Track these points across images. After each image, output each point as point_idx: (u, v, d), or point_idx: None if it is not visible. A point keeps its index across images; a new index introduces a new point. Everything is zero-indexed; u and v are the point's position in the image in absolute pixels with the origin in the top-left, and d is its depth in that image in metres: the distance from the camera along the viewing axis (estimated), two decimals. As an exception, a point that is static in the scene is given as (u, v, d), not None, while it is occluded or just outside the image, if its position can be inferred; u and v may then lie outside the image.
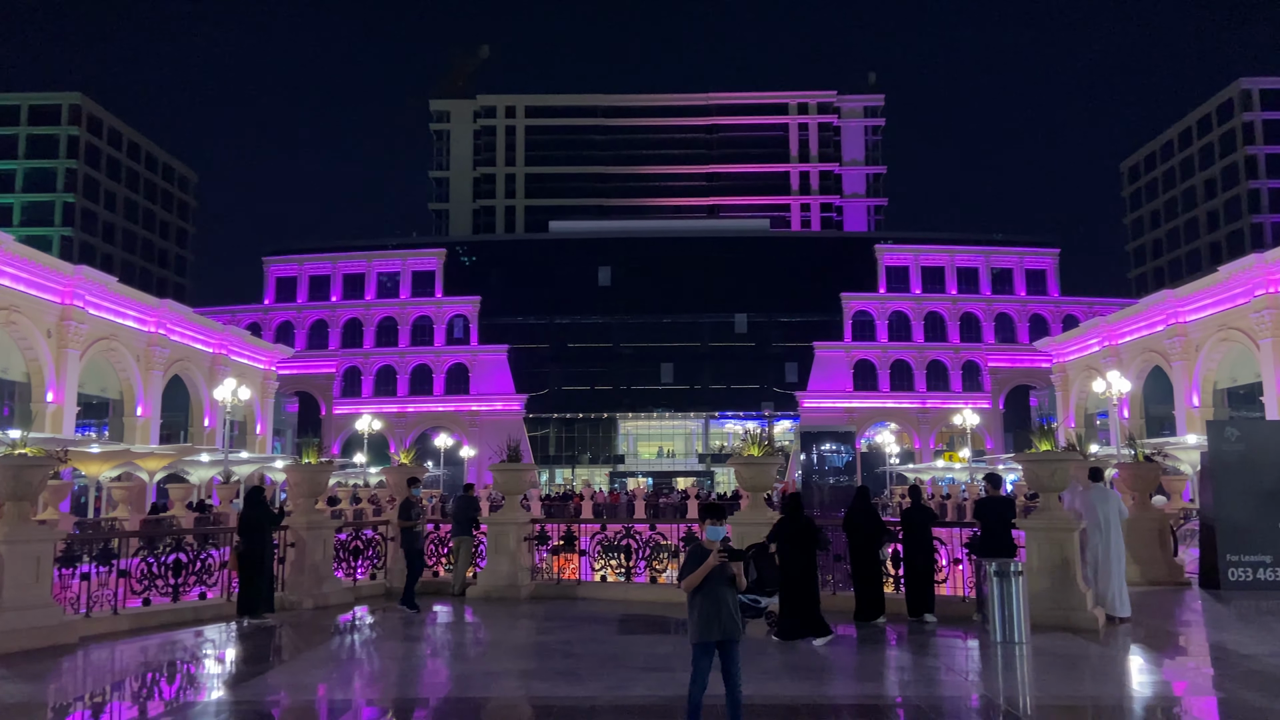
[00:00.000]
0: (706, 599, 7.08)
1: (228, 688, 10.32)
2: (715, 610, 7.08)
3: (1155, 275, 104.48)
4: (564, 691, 9.56)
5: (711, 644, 7.15)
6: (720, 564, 7.01)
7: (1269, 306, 43.50)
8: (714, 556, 6.97)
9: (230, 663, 11.80)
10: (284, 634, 13.39)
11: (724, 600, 7.10)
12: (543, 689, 9.79)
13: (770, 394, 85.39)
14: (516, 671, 10.84)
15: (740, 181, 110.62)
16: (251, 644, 12.70)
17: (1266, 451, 16.99)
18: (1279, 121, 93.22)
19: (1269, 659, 10.63)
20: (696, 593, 7.11)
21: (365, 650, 12.67)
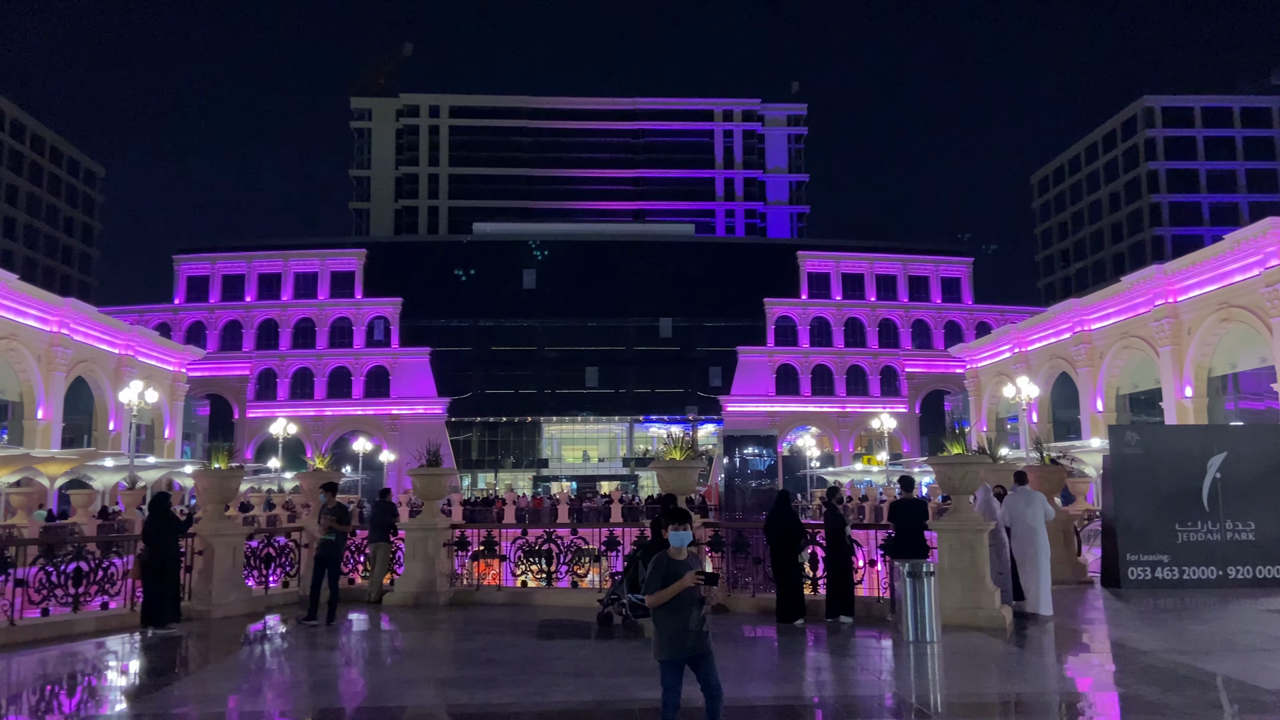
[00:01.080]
0: (675, 614, 6.76)
1: (131, 700, 9.92)
2: (684, 625, 6.74)
3: (1063, 284, 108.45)
4: (482, 699, 9.45)
5: (681, 661, 6.82)
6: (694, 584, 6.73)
7: (1168, 316, 45.53)
8: (689, 577, 6.63)
9: (134, 675, 11.35)
10: (191, 644, 12.95)
11: (692, 615, 6.78)
12: (461, 697, 9.66)
13: (694, 398, 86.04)
14: (434, 679, 10.68)
15: (666, 187, 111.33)
16: (156, 655, 12.24)
17: (1164, 455, 17.75)
18: (1180, 138, 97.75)
19: (1165, 655, 11.08)
20: (663, 607, 6.77)
21: (277, 660, 12.33)
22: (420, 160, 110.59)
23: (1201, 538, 17.25)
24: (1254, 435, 20.16)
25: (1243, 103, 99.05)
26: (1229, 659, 10.75)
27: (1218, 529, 17.25)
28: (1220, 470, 17.32)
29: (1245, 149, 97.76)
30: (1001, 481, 16.87)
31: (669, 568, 6.78)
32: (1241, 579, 17.09)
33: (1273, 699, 8.81)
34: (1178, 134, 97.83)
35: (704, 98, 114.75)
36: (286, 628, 14.37)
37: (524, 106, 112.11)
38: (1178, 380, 45.14)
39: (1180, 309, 45.17)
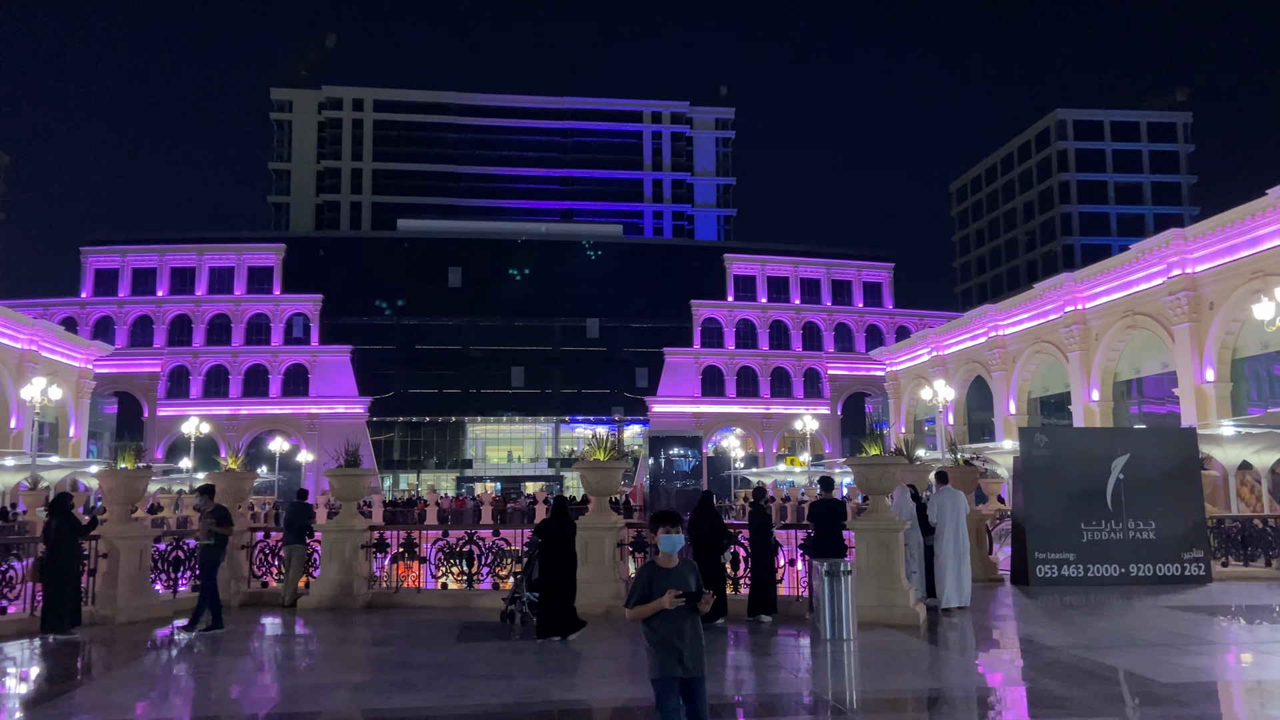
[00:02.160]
0: (664, 627, 5.93)
1: (29, 709, 9.49)
2: (678, 639, 5.92)
3: (979, 290, 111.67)
4: (398, 702, 9.29)
5: (677, 680, 5.94)
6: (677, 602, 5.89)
7: (1077, 322, 47.21)
8: (667, 599, 5.79)
9: (33, 682, 10.87)
10: (93, 650, 12.45)
11: (685, 628, 5.96)
12: (376, 700, 9.48)
13: (621, 399, 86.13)
14: (349, 684, 10.46)
15: (594, 187, 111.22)
16: (57, 661, 11.76)
17: (1070, 456, 18.40)
18: (1090, 151, 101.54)
19: (1069, 650, 11.47)
20: (650, 620, 5.98)
21: (184, 667, 11.92)
22: (343, 155, 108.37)
23: (1105, 536, 17.92)
24: (1155, 438, 21.03)
25: (1149, 118, 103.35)
26: (1130, 654, 11.18)
27: (1120, 528, 17.95)
28: (1123, 471, 18.02)
29: (1151, 162, 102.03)
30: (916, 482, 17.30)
31: (653, 579, 5.98)
32: (1143, 576, 17.81)
33: (1169, 692, 9.18)
34: (1088, 146, 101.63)
35: (633, 99, 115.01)
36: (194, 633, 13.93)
37: (451, 103, 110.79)
38: (1085, 384, 46.84)
39: (1088, 315, 46.89)
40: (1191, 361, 39.36)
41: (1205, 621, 13.82)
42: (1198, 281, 39.27)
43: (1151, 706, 8.74)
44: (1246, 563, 19.75)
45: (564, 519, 13.21)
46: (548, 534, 13.04)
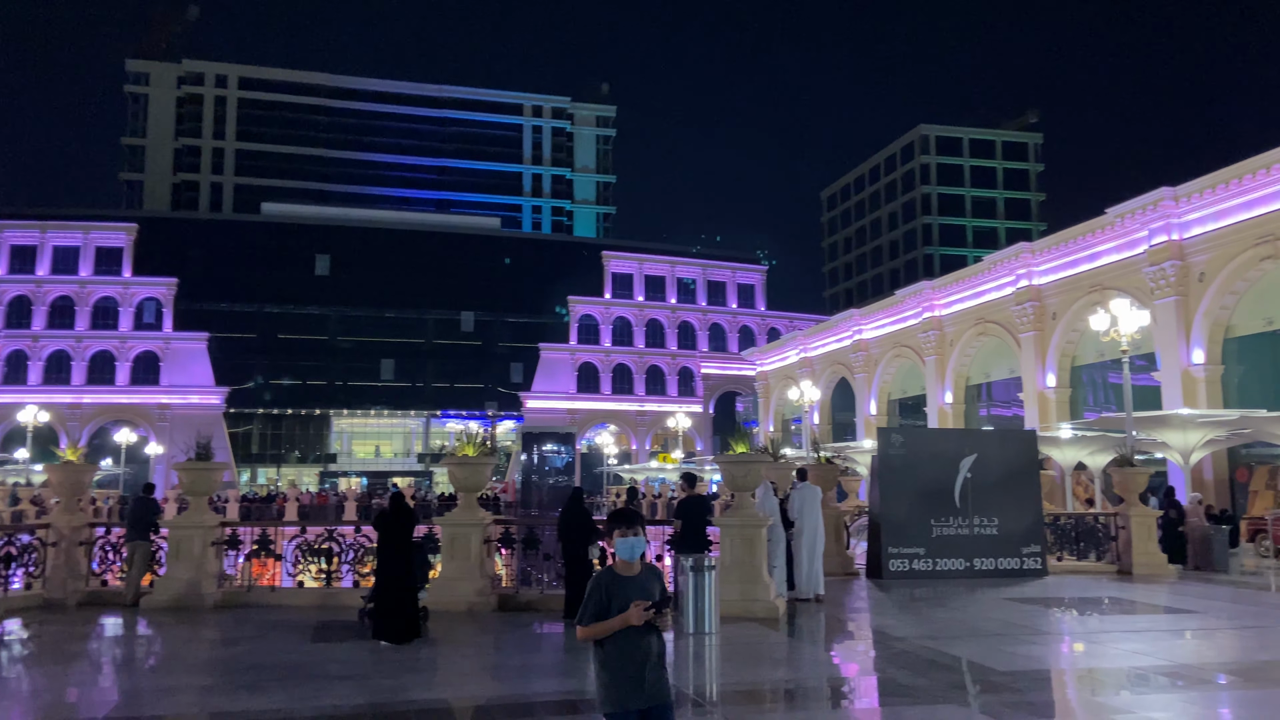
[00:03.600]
0: (625, 644, 4.95)
1: None
2: (635, 665, 4.95)
3: (846, 295, 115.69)
4: (245, 704, 8.91)
5: (634, 715, 4.96)
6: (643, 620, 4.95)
7: (933, 328, 49.49)
8: (635, 613, 4.87)
9: None
10: (-96, 658, 11.45)
11: (649, 649, 5.00)
12: (222, 703, 9.07)
13: (495, 394, 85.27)
14: (195, 686, 9.97)
15: (472, 178, 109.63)
16: None
17: (923, 456, 19.28)
18: (949, 166, 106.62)
19: (917, 641, 12.02)
20: (604, 642, 5.00)
21: (16, 668, 11.12)
22: (204, 132, 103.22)
23: (953, 532, 18.86)
24: (1000, 439, 22.25)
25: (1004, 137, 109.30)
26: (972, 643, 11.79)
27: (967, 524, 18.92)
28: (971, 471, 18.99)
29: (1005, 179, 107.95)
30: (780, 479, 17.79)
31: (611, 590, 5.03)
32: (985, 570, 18.83)
33: (1006, 679, 9.73)
34: (948, 162, 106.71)
35: (515, 91, 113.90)
36: (29, 633, 13.02)
37: (323, 84, 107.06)
38: (940, 387, 49.18)
39: (944, 322, 49.23)
40: (1035, 368, 41.84)
41: (1041, 613, 14.71)
42: (1042, 293, 41.76)
43: (990, 694, 9.23)
44: (1079, 557, 21.13)
45: (398, 515, 12.65)
46: (379, 530, 12.58)
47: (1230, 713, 8.74)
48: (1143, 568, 19.85)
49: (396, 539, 12.54)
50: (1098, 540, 21.23)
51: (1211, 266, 33.33)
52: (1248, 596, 17.00)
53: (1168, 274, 34.58)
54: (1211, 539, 21.60)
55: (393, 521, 12.58)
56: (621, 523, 5.29)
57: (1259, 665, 10.47)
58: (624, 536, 5.21)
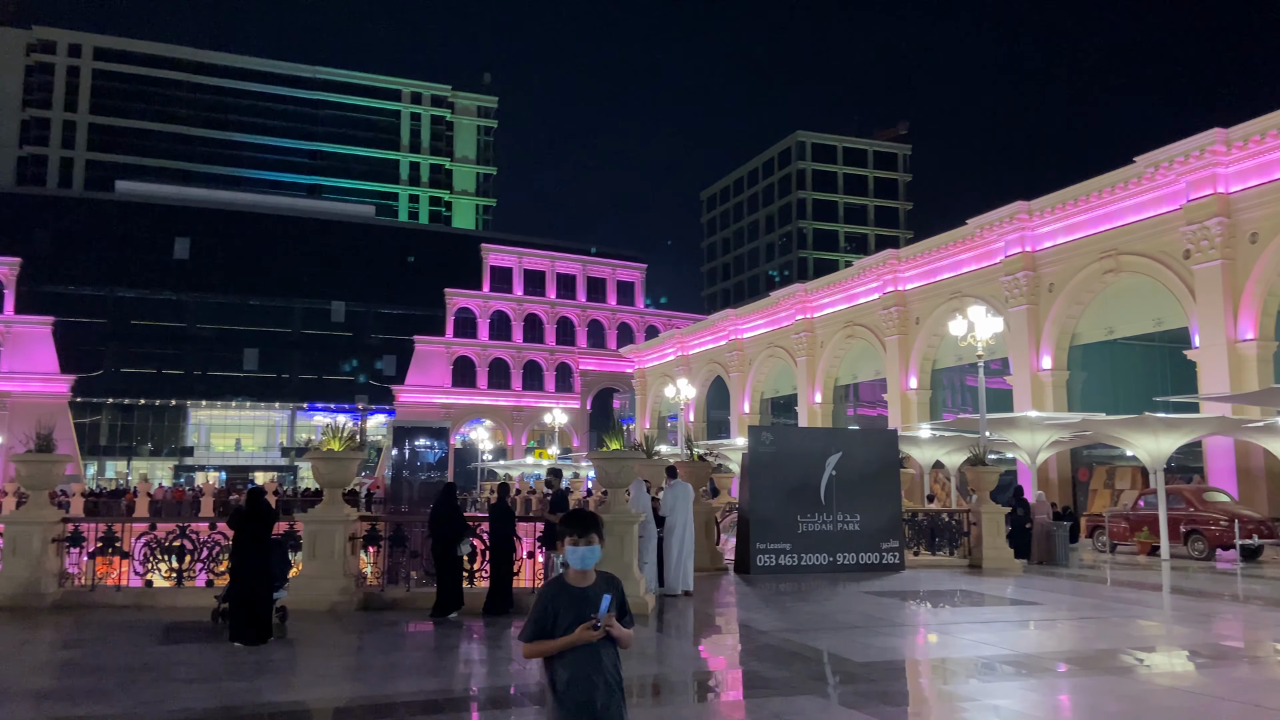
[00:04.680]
0: (576, 663, 4.37)
1: None
2: (586, 689, 4.38)
3: (724, 296, 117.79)
4: (86, 710, 8.36)
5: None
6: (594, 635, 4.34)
7: (805, 330, 50.95)
8: (581, 633, 4.29)
9: None
10: None
11: (601, 666, 4.40)
12: (61, 709, 8.48)
13: (366, 387, 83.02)
14: (28, 691, 9.28)
15: (346, 164, 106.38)
16: None
17: (791, 454, 19.79)
18: (823, 172, 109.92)
19: (780, 634, 12.32)
20: (554, 658, 4.43)
21: None
22: (54, 104, 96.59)
23: (818, 528, 19.45)
24: (864, 439, 23.08)
25: (875, 147, 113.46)
26: (832, 636, 12.16)
27: (831, 520, 19.54)
28: (836, 468, 19.63)
29: (875, 187, 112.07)
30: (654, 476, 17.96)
31: (555, 602, 4.44)
32: (848, 564, 19.49)
33: (862, 670, 10.07)
34: (823, 168, 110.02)
35: (393, 76, 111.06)
36: None
37: (188, 59, 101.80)
38: (810, 387, 50.67)
39: (816, 324, 50.75)
40: (899, 370, 43.61)
41: (897, 605, 15.32)
42: (907, 298, 43.57)
43: (847, 685, 9.54)
44: (934, 552, 22.14)
45: (256, 512, 12.18)
46: (235, 528, 12.12)
47: (1067, 699, 9.29)
48: (992, 562, 20.95)
49: (254, 537, 12.04)
50: (951, 536, 22.28)
51: (1060, 278, 35.45)
52: (1086, 589, 18.15)
53: (1021, 284, 36.58)
54: (1054, 535, 22.98)
55: (250, 519, 12.06)
56: (573, 529, 4.52)
57: (1094, 654, 11.17)
58: (575, 544, 4.47)
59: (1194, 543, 24.57)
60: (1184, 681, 9.96)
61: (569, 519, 4.62)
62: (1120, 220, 32.98)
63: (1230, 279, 29.08)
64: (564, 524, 4.59)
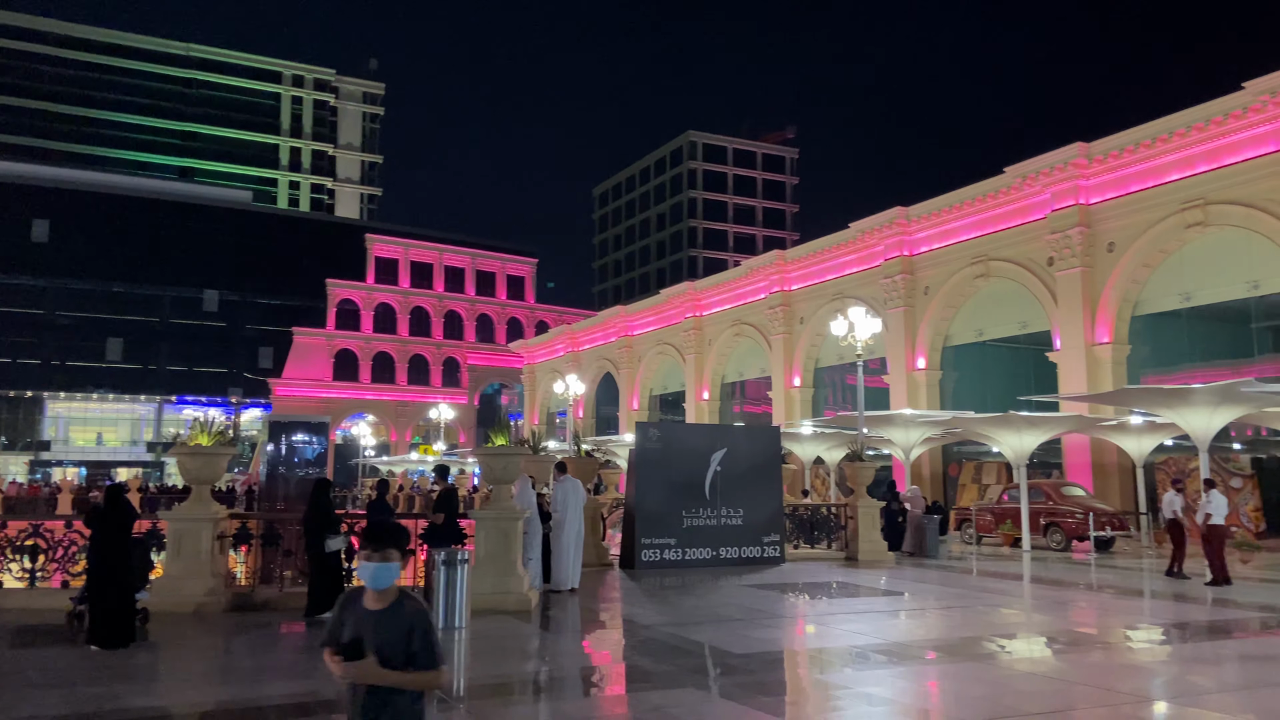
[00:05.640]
0: (351, 693, 3.88)
1: None
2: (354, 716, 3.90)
3: (615, 292, 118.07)
4: (-85, 727, 7.75)
5: None
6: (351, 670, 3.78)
7: (694, 327, 51.57)
8: (328, 658, 3.79)
9: None
10: None
11: (363, 710, 3.84)
12: (-113, 726, 7.83)
13: (240, 379, 79.84)
14: None
15: (222, 146, 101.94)
16: None
17: (678, 450, 19.99)
18: (714, 173, 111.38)
19: (662, 628, 12.41)
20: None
21: None
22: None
23: (702, 523, 19.70)
24: (748, 435, 23.49)
25: (764, 149, 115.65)
26: (713, 629, 12.33)
27: (715, 515, 19.82)
28: (720, 464, 19.92)
29: (764, 189, 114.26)
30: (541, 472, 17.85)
31: (345, 612, 3.97)
32: (730, 558, 19.81)
33: (741, 662, 10.24)
34: (713, 169, 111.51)
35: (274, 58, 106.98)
36: None
37: (49, 31, 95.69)
38: (698, 384, 51.32)
39: (704, 322, 51.43)
40: (784, 368, 44.60)
41: (777, 598, 15.65)
42: (792, 299, 44.59)
43: (727, 676, 9.68)
44: (814, 545, 22.73)
45: (115, 510, 11.59)
46: (92, 526, 11.54)
47: (934, 685, 9.66)
48: (867, 554, 21.65)
49: (112, 535, 11.42)
50: (829, 529, 22.93)
51: (935, 281, 36.90)
52: (954, 579, 18.94)
53: (899, 286, 37.90)
54: (925, 528, 23.92)
55: (109, 516, 11.42)
56: (370, 544, 4.00)
57: (960, 641, 11.65)
58: (369, 559, 3.93)
59: (1053, 535, 25.96)
60: (1042, 667, 10.49)
61: (368, 536, 4.08)
62: (991, 228, 34.56)
63: (1089, 286, 30.84)
64: (365, 538, 4.09)
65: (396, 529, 4.10)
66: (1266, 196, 26.26)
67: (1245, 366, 27.69)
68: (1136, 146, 29.33)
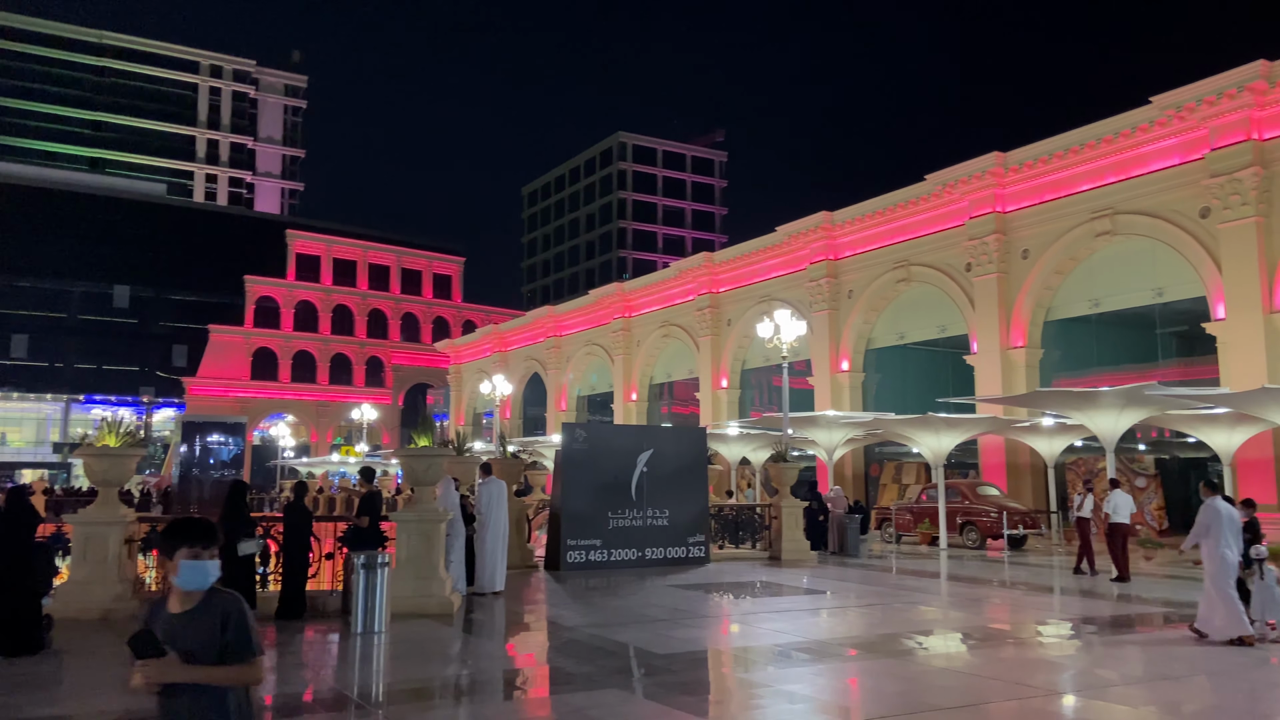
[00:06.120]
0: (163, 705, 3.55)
1: None
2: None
3: (544, 292, 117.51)
4: None
5: None
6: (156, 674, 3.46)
7: (624, 328, 51.62)
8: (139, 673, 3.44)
9: None
10: None
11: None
12: None
13: (153, 378, 77.15)
14: None
15: (135, 137, 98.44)
16: None
17: (604, 451, 19.98)
18: (644, 174, 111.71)
19: (586, 630, 12.38)
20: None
21: None
22: None
23: (628, 523, 19.72)
24: (675, 436, 23.62)
25: (694, 152, 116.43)
26: (637, 630, 12.33)
27: (640, 516, 19.86)
28: (647, 465, 19.97)
29: (693, 192, 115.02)
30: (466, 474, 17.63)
31: (150, 625, 3.60)
32: (656, 559, 19.87)
33: (664, 662, 10.26)
34: (644, 170, 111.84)
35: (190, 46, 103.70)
36: None
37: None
38: (626, 385, 51.38)
39: (633, 323, 51.52)
40: (711, 369, 44.94)
41: (701, 598, 15.74)
42: (720, 301, 44.97)
43: (650, 677, 9.69)
44: (738, 545, 22.94)
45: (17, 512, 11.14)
46: None
47: (854, 682, 9.82)
48: (790, 554, 21.93)
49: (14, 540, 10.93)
50: (754, 529, 23.17)
51: (858, 285, 37.61)
52: (874, 578, 19.32)
53: (824, 289, 38.53)
54: (847, 527, 24.35)
55: (10, 520, 10.94)
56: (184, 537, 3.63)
57: (879, 638, 11.87)
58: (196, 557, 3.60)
59: (969, 533, 26.67)
60: (956, 662, 10.76)
61: (184, 526, 3.68)
62: (913, 233, 35.37)
63: (1004, 291, 31.79)
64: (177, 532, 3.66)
65: (201, 524, 3.73)
66: (1171, 207, 27.42)
67: (1150, 370, 28.87)
68: (1050, 157, 30.34)
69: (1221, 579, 11.34)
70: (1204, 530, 11.58)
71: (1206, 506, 11.72)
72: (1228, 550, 11.42)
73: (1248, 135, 25.38)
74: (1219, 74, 25.69)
